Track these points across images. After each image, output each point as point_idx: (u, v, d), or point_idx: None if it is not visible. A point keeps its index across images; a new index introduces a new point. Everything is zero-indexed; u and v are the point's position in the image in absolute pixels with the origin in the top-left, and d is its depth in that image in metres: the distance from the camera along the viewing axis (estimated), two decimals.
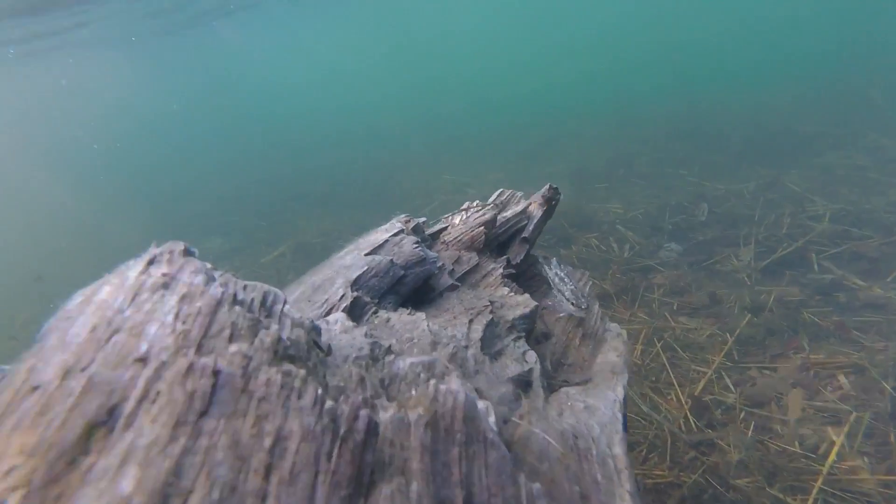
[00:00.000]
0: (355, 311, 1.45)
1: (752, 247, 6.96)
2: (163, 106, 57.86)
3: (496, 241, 2.37)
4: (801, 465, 3.93)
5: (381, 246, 1.82)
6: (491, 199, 2.68)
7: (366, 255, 1.73)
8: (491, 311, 1.67)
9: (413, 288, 1.75)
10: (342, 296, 1.46)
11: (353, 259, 1.68)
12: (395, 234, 1.93)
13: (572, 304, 2.01)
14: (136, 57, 29.78)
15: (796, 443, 4.12)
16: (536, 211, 2.54)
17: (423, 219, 2.21)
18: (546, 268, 2.30)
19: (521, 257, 2.33)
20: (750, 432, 4.30)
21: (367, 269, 1.62)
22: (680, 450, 4.26)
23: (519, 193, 2.77)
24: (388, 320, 1.41)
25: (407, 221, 2.07)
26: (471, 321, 1.57)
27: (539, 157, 13.76)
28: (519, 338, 1.67)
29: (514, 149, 15.22)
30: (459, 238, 2.26)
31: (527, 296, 1.92)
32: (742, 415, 4.50)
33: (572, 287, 2.08)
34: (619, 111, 17.38)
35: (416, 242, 1.87)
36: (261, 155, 23.09)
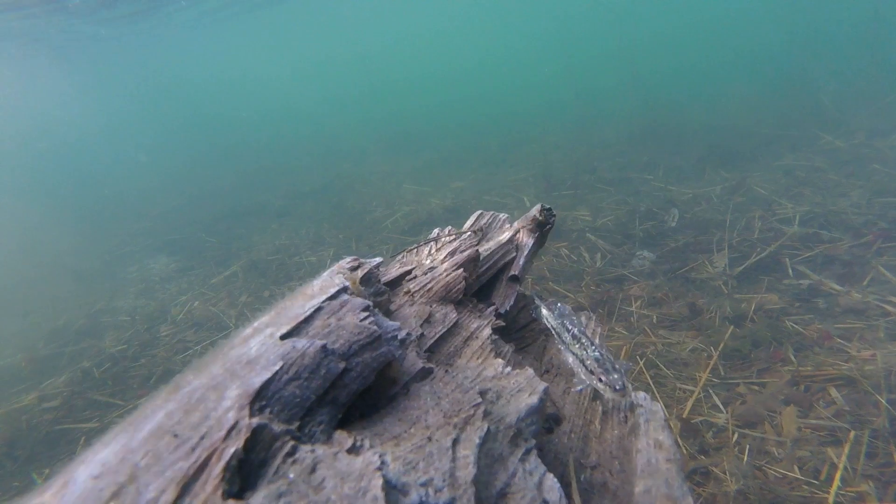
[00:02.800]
0: (255, 458, 0.88)
1: (726, 252, 6.79)
2: (95, 115, 54.83)
3: (477, 282, 1.85)
4: (804, 493, 3.63)
5: (308, 320, 1.20)
6: (468, 225, 2.14)
7: (282, 337, 1.13)
8: (483, 414, 1.13)
9: (360, 389, 1.16)
10: (232, 425, 0.88)
11: (260, 347, 1.09)
12: (333, 297, 1.28)
13: (600, 380, 1.52)
14: (63, 63, 27.90)
15: (796, 467, 3.83)
16: (526, 239, 2.03)
17: (377, 260, 1.63)
18: (548, 315, 1.79)
19: (511, 302, 1.84)
20: (745, 457, 3.99)
21: (280, 369, 1.02)
22: None
23: (502, 216, 2.23)
24: (313, 469, 0.87)
25: (354, 268, 1.51)
26: (455, 441, 1.03)
27: (502, 164, 13.48)
28: (529, 452, 1.14)
29: (475, 156, 14.90)
30: (430, 286, 1.68)
31: (529, 372, 1.39)
32: (735, 437, 4.19)
33: (596, 352, 1.58)
34: (580, 116, 17.38)
35: (366, 309, 1.26)
36: (210, 167, 21.99)
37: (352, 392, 1.13)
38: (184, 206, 16.09)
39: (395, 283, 1.72)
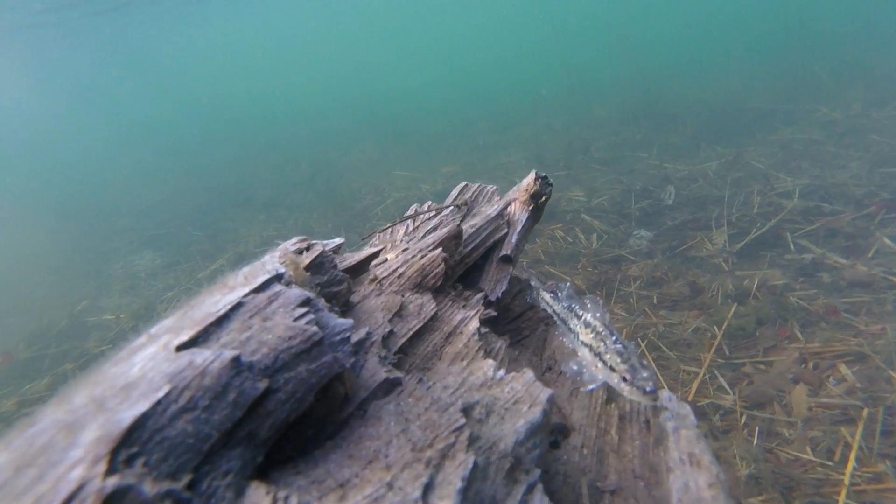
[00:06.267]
0: None
1: (725, 229, 6.60)
2: (71, 106, 53.45)
3: (462, 265, 1.58)
4: (818, 475, 3.46)
5: (221, 322, 0.87)
6: (450, 199, 1.86)
7: (179, 347, 0.82)
8: (468, 442, 0.83)
9: (291, 417, 0.83)
10: (72, 492, 0.57)
11: (146, 364, 0.79)
12: (260, 289, 0.95)
13: (624, 379, 1.23)
14: (38, 49, 27.04)
15: (808, 448, 3.66)
16: (519, 213, 1.74)
17: (335, 241, 1.34)
18: (549, 299, 1.51)
19: (504, 287, 1.56)
20: (755, 439, 3.82)
21: (166, 396, 0.72)
22: None
23: (490, 188, 1.94)
24: None
25: (301, 250, 1.20)
26: (427, 488, 0.74)
27: (494, 147, 13.20)
28: (532, 489, 0.86)
29: (466, 140, 14.60)
30: (402, 271, 1.37)
31: (528, 375, 1.10)
32: (743, 419, 4.02)
33: (618, 344, 1.29)
34: (572, 96, 17.05)
35: (304, 303, 0.93)
36: (195, 160, 21.50)
37: (278, 423, 0.81)
38: (169, 199, 15.71)
39: (360, 268, 1.44)
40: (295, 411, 0.83)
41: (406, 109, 22.70)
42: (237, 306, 0.89)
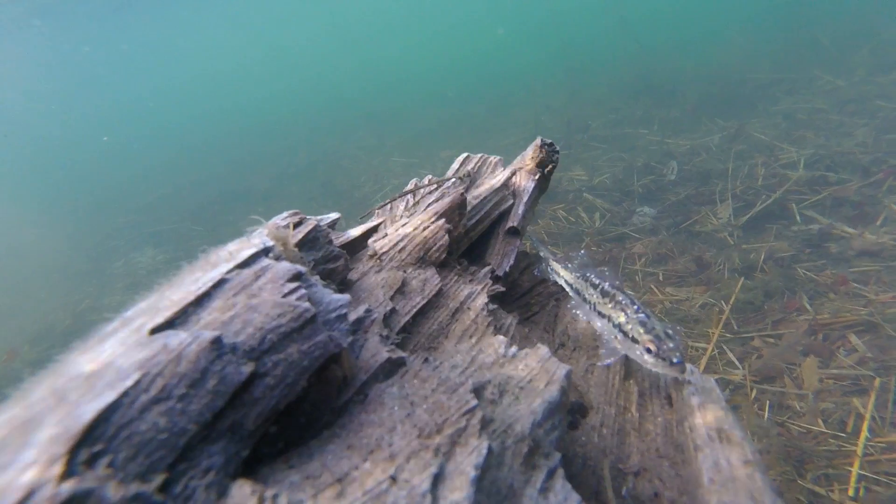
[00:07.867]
0: None
1: (730, 202, 6.50)
2: (72, 106, 53.11)
3: (466, 239, 1.50)
4: (831, 446, 3.42)
5: (201, 301, 0.80)
6: (451, 171, 1.78)
7: (153, 330, 0.74)
8: (481, 425, 0.75)
9: (281, 404, 0.74)
10: (21, 500, 0.50)
11: (115, 350, 0.69)
12: (245, 264, 0.88)
13: (648, 350, 1.15)
14: (36, 48, 26.78)
15: (820, 420, 3.62)
16: (525, 183, 1.65)
17: (330, 216, 1.26)
18: (561, 270, 1.44)
19: (511, 261, 1.48)
20: (766, 413, 3.77)
21: (135, 386, 0.63)
22: None
23: (493, 158, 1.85)
24: None
25: (292, 224, 1.13)
26: (437, 479, 0.67)
27: (491, 129, 13.05)
28: (552, 475, 0.77)
29: (464, 124, 14.45)
30: (403, 245, 1.29)
31: (542, 351, 1.00)
32: (754, 393, 3.97)
33: (640, 314, 1.21)
34: (569, 74, 16.80)
35: (295, 278, 0.85)
36: (192, 155, 21.36)
37: (266, 411, 0.72)
38: (169, 195, 15.63)
39: (358, 244, 1.36)
40: (286, 398, 0.75)
41: (403, 97, 22.45)
42: (219, 283, 0.82)
